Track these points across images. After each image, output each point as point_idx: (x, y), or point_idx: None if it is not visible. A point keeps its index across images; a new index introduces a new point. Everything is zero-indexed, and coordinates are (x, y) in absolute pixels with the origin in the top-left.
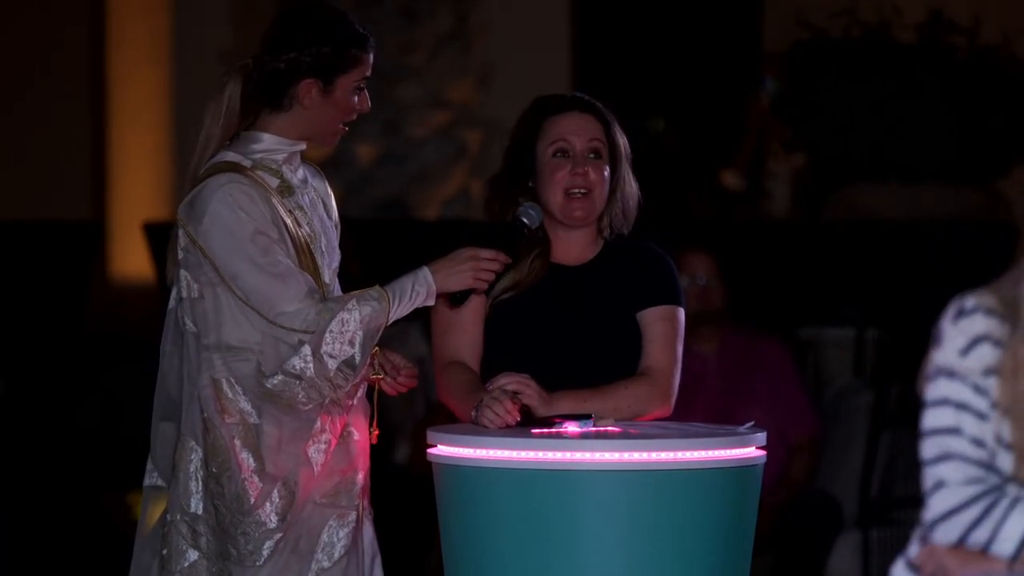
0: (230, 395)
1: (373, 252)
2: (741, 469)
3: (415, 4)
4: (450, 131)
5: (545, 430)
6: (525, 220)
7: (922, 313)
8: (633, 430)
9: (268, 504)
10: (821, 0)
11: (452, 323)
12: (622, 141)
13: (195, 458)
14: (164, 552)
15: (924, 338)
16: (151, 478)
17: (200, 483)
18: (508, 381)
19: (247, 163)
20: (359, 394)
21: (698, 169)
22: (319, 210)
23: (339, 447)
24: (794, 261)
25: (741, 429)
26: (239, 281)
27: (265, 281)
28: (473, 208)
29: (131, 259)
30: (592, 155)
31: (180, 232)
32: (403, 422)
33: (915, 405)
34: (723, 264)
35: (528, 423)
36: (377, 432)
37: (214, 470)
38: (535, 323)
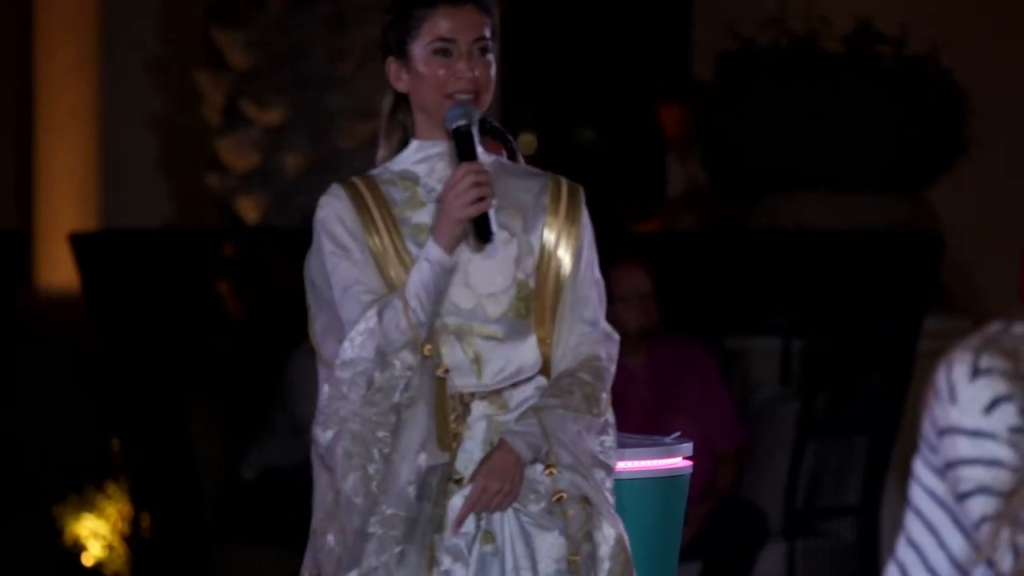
0: None
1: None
2: (667, 479)
3: (346, 11)
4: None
5: None
6: (464, 122)
7: (849, 323)
8: None
9: None
10: (750, 9)
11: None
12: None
13: None
14: None
15: (851, 348)
16: None
17: None
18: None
19: None
20: None
21: (626, 178)
22: None
23: None
24: (720, 270)
25: (667, 440)
26: None
27: None
28: None
29: (57, 270)
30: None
31: None
32: None
33: (840, 415)
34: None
35: None
36: None
37: None
38: None
